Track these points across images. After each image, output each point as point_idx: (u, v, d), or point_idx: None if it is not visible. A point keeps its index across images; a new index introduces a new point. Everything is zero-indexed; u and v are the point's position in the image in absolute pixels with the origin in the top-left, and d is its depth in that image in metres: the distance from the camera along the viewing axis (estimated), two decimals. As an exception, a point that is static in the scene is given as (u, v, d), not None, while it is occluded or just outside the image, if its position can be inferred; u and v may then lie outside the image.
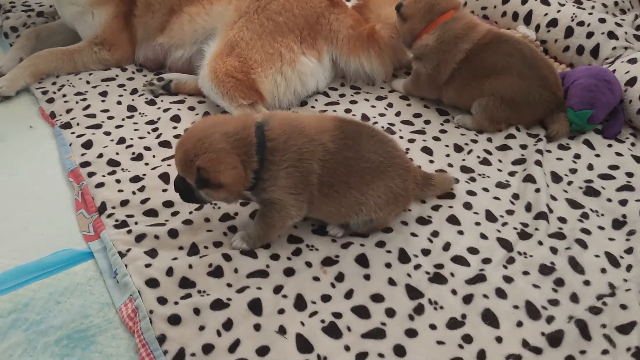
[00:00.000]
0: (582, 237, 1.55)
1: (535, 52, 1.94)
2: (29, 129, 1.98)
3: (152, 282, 1.38)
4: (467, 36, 1.93)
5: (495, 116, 1.91)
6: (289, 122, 1.43)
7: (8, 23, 2.57)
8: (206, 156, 1.32)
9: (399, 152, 1.53)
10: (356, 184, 1.43)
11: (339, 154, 1.41)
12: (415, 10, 1.98)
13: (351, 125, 1.48)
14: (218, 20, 2.10)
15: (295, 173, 1.39)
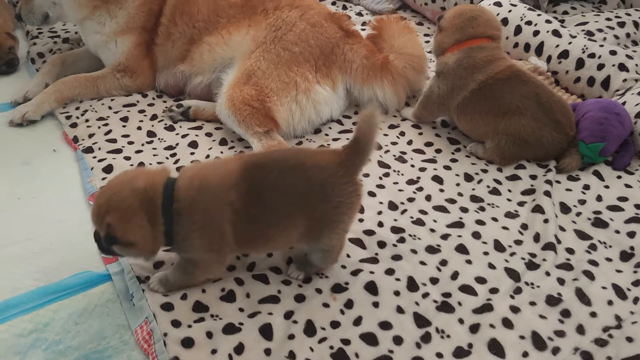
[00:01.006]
0: (589, 269, 1.55)
1: (551, 96, 1.91)
2: (53, 152, 2.02)
3: (167, 306, 1.40)
4: (484, 68, 1.92)
5: (506, 153, 1.92)
6: (196, 180, 1.35)
7: (35, 49, 2.64)
8: (115, 213, 1.29)
9: (321, 176, 1.36)
10: (275, 228, 1.37)
11: (247, 213, 1.34)
12: (450, 24, 2.01)
13: (257, 170, 1.37)
14: (236, 50, 2.14)
15: (207, 234, 1.34)
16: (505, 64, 1.95)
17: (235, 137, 2.03)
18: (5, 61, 2.52)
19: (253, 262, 1.54)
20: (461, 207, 1.76)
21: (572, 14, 2.79)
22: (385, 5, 3.03)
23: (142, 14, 2.28)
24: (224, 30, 2.19)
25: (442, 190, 1.83)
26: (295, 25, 2.12)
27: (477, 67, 1.93)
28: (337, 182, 1.35)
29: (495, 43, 2.01)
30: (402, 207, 1.76)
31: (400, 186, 1.84)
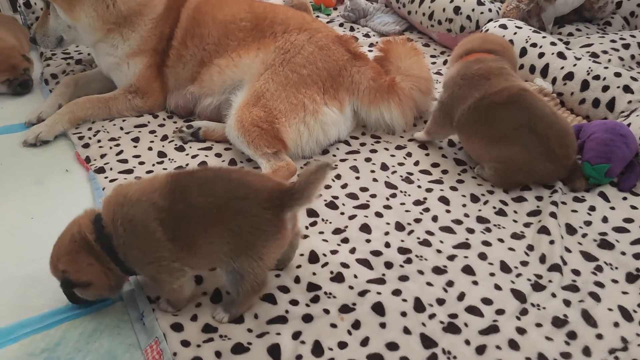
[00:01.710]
0: (595, 290, 1.55)
1: (549, 125, 1.83)
2: (66, 172, 2.04)
3: (177, 327, 1.41)
4: (479, 83, 1.90)
5: (505, 180, 1.92)
6: (116, 198, 1.38)
7: (48, 70, 2.68)
8: (64, 260, 1.37)
9: (242, 192, 1.37)
10: (200, 234, 1.36)
11: (172, 210, 1.35)
12: (467, 39, 2.07)
13: (181, 177, 1.41)
14: (245, 72, 2.17)
15: (142, 244, 1.35)
16: (502, 83, 1.89)
17: (244, 157, 2.05)
18: (19, 82, 2.56)
19: (261, 282, 1.55)
20: (467, 228, 1.76)
21: (577, 36, 2.81)
22: (392, 27, 3.06)
23: (154, 37, 2.31)
24: (234, 53, 2.22)
25: (449, 211, 1.84)
26: (303, 48, 2.14)
27: (473, 79, 1.92)
28: (258, 204, 1.35)
29: (495, 57, 1.98)
30: (409, 228, 1.76)
31: (407, 207, 1.85)
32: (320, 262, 1.62)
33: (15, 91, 2.56)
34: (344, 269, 1.60)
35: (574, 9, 2.84)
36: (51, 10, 2.25)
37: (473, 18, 2.76)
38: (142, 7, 2.29)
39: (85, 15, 2.22)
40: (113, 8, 2.23)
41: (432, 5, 2.89)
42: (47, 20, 2.28)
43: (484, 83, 1.89)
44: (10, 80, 2.54)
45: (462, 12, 2.78)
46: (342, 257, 1.64)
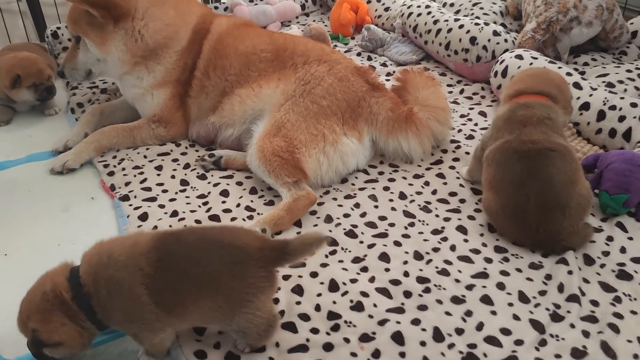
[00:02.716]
0: (614, 322, 1.53)
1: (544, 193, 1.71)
2: (91, 200, 2.07)
3: (200, 354, 1.42)
4: (513, 129, 1.84)
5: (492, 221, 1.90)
6: (99, 257, 1.32)
7: (75, 99, 2.73)
8: (35, 318, 1.29)
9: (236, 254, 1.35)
10: (190, 301, 1.32)
11: (160, 278, 1.29)
12: (520, 76, 2.01)
13: (168, 242, 1.36)
14: (266, 103, 2.20)
15: (124, 302, 1.30)
16: (534, 135, 1.78)
17: (264, 186, 2.07)
18: (45, 87, 2.61)
19: (283, 310, 1.55)
20: (485, 258, 1.76)
21: (592, 65, 2.81)
22: (410, 56, 3.09)
23: (178, 69, 2.36)
24: (255, 84, 2.26)
25: (467, 240, 1.84)
26: (323, 80, 2.17)
27: (512, 124, 1.85)
28: (250, 264, 1.34)
29: (546, 102, 1.88)
30: (427, 257, 1.76)
31: (425, 236, 1.86)
32: (340, 291, 1.63)
33: (41, 96, 2.61)
34: (364, 297, 1.60)
35: (589, 39, 2.85)
36: (81, 44, 2.29)
37: (489, 48, 2.78)
38: (168, 40, 2.34)
39: (115, 49, 2.28)
40: (141, 42, 2.29)
41: (448, 36, 2.92)
42: (76, 55, 2.32)
43: (518, 129, 1.83)
44: (37, 85, 2.58)
45: (478, 42, 2.80)
46: (362, 285, 1.64)
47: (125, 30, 2.26)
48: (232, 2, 3.57)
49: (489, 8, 3.27)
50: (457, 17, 2.99)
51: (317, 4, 3.91)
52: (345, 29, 3.41)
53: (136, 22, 2.27)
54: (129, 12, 2.25)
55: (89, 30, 2.24)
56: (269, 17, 3.50)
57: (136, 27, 2.28)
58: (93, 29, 2.23)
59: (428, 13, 3.09)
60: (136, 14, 2.27)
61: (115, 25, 2.24)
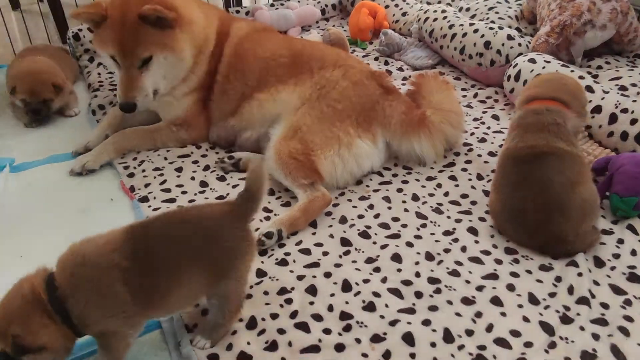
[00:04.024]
0: (624, 325, 1.51)
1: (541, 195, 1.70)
2: (110, 201, 2.08)
3: (213, 356, 1.42)
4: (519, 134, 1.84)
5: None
6: (72, 258, 1.28)
7: (96, 101, 2.72)
8: (16, 323, 1.21)
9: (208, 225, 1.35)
10: (173, 283, 1.31)
11: (137, 268, 1.27)
12: (535, 82, 1.99)
13: (138, 232, 1.33)
14: (283, 106, 2.20)
15: (101, 300, 1.26)
16: (536, 140, 1.77)
17: (281, 187, 2.07)
18: (32, 108, 2.55)
19: (296, 310, 1.55)
20: (496, 259, 1.74)
21: (606, 69, 2.78)
22: (425, 60, 3.07)
23: (205, 75, 2.36)
24: (273, 88, 2.26)
25: (477, 241, 1.82)
26: (338, 84, 2.17)
27: (520, 130, 1.85)
28: (225, 228, 1.35)
29: (558, 108, 1.85)
30: (439, 258, 1.75)
31: (437, 237, 1.85)
32: (352, 291, 1.62)
33: (28, 114, 2.58)
34: (376, 298, 1.60)
35: (603, 42, 2.82)
36: (151, 65, 2.16)
37: (503, 52, 2.76)
38: (203, 43, 2.31)
39: (189, 52, 2.23)
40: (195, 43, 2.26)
41: (463, 40, 2.90)
42: (141, 79, 2.16)
43: (521, 135, 1.83)
44: (26, 102, 2.55)
45: (493, 46, 2.78)
46: (374, 286, 1.64)
47: (187, 33, 2.20)
48: (253, 7, 3.58)
49: (504, 12, 3.24)
50: (472, 22, 2.97)
51: (336, 9, 3.90)
52: (364, 34, 3.40)
53: (188, 24, 2.21)
54: (184, 14, 2.19)
55: (164, 43, 2.13)
56: (290, 22, 3.51)
57: (192, 27, 2.23)
58: (165, 40, 2.13)
59: (444, 18, 3.08)
60: (187, 16, 2.21)
61: (180, 29, 2.16)
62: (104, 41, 2.13)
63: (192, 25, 2.23)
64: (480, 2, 3.38)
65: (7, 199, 2.09)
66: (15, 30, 3.79)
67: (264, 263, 1.74)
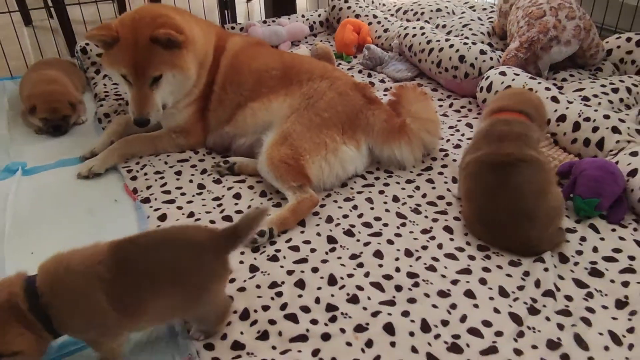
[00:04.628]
0: (587, 316, 1.51)
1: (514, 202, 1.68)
2: (115, 202, 2.06)
3: (209, 346, 1.41)
4: (492, 142, 1.80)
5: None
6: (56, 267, 1.24)
7: (102, 110, 2.70)
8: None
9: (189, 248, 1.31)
10: (150, 298, 1.27)
11: (118, 281, 1.23)
12: (502, 95, 1.96)
13: (124, 247, 1.29)
14: (275, 115, 2.19)
15: (82, 310, 1.22)
16: (510, 149, 1.74)
17: (273, 189, 2.06)
18: (53, 124, 2.54)
19: (286, 303, 1.54)
20: (469, 255, 1.74)
21: (570, 81, 2.78)
22: (405, 73, 3.07)
23: (204, 87, 2.33)
24: (265, 98, 2.24)
25: (452, 239, 1.82)
26: (325, 94, 2.16)
27: (492, 138, 1.81)
28: (205, 255, 1.31)
29: (524, 120, 1.84)
30: (417, 254, 1.74)
31: (415, 235, 1.84)
32: (338, 285, 1.61)
33: (48, 131, 2.56)
34: (359, 291, 1.59)
35: (567, 57, 2.82)
36: (161, 82, 2.13)
37: (476, 66, 2.76)
38: (204, 58, 2.30)
39: (194, 69, 2.21)
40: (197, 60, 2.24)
41: (439, 54, 2.89)
42: (152, 95, 2.13)
43: (496, 142, 1.79)
44: (47, 120, 2.54)
45: (467, 60, 2.78)
46: (357, 280, 1.63)
47: (192, 51, 2.18)
48: (247, 23, 3.56)
49: (477, 29, 3.25)
50: (447, 38, 2.97)
51: (323, 26, 3.89)
52: (349, 49, 3.39)
53: (192, 44, 2.19)
54: (188, 35, 2.16)
55: (173, 63, 2.11)
56: (281, 37, 3.49)
57: (195, 46, 2.21)
58: (174, 60, 2.10)
59: (422, 34, 3.07)
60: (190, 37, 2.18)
61: (186, 49, 2.14)
62: (115, 61, 2.11)
63: (195, 44, 2.21)
64: (455, 19, 3.38)
65: (20, 200, 2.07)
66: (27, 45, 3.76)
67: (256, 259, 1.72)
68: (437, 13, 3.55)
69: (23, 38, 3.82)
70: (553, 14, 2.71)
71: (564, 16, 2.71)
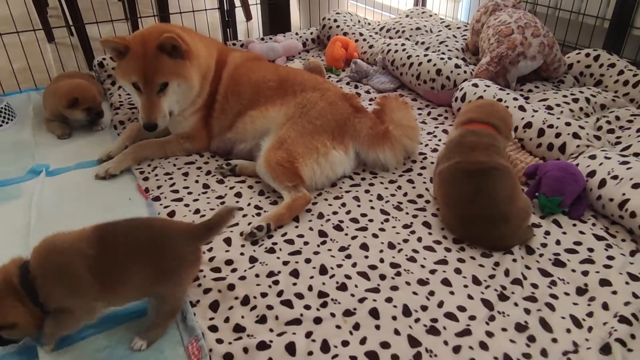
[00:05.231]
0: (550, 301, 1.50)
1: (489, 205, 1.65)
2: (129, 200, 2.04)
3: (213, 328, 1.40)
4: (463, 151, 1.77)
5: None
6: (45, 247, 1.27)
7: (117, 118, 2.69)
8: None
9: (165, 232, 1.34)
10: (128, 275, 1.28)
11: (100, 257, 1.25)
12: (472, 107, 1.93)
13: (107, 228, 1.32)
14: (271, 122, 2.17)
15: (67, 282, 1.24)
16: (481, 157, 1.72)
17: (270, 189, 2.04)
18: (97, 111, 2.58)
19: (282, 290, 1.53)
20: (446, 248, 1.73)
21: (535, 92, 2.78)
22: (388, 85, 3.06)
23: (207, 97, 2.32)
24: (263, 107, 2.22)
25: (431, 233, 1.81)
26: (316, 104, 2.14)
27: (463, 147, 1.79)
28: (179, 241, 1.34)
29: (492, 132, 1.81)
30: (399, 247, 1.73)
31: (397, 230, 1.83)
32: (328, 274, 1.60)
33: (93, 118, 2.57)
34: (347, 279, 1.58)
35: (533, 70, 2.83)
36: (168, 90, 2.12)
37: (451, 78, 2.75)
38: (207, 71, 2.28)
39: (197, 80, 2.19)
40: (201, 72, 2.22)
41: (418, 68, 2.89)
42: (160, 102, 2.11)
43: (468, 151, 1.77)
44: (90, 109, 2.55)
45: (443, 73, 2.77)
46: (346, 270, 1.62)
47: (195, 64, 2.17)
48: (246, 40, 3.54)
49: (453, 45, 3.24)
50: (426, 53, 2.96)
51: (315, 42, 3.88)
52: (338, 63, 3.38)
53: (196, 58, 2.18)
54: (192, 49, 2.15)
55: (178, 72, 2.09)
56: (277, 53, 3.47)
57: (199, 60, 2.20)
58: (179, 69, 2.09)
59: (403, 50, 3.06)
60: (194, 51, 2.17)
61: (190, 61, 2.13)
62: (127, 71, 2.09)
63: (198, 58, 2.20)
64: (432, 37, 3.37)
65: (43, 197, 2.05)
66: (50, 59, 3.73)
67: (255, 251, 1.71)
68: (416, 31, 3.54)
69: (46, 53, 3.80)
70: (520, 32, 2.71)
71: (529, 34, 2.71)
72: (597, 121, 2.39)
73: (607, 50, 2.89)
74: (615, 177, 1.85)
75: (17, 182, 2.15)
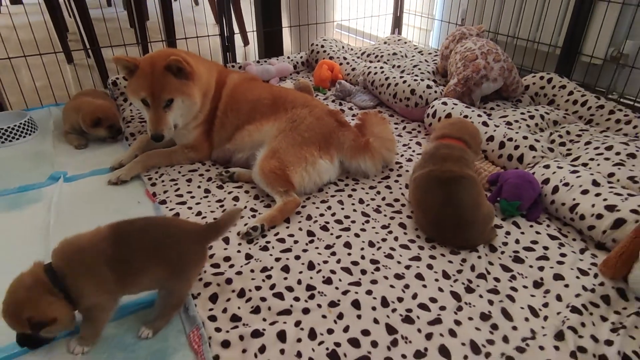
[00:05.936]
0: (511, 294, 1.50)
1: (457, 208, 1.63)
2: (138, 203, 2.00)
3: (212, 317, 1.37)
4: (436, 162, 1.75)
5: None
6: (68, 247, 1.23)
7: (128, 130, 2.65)
8: (26, 307, 1.14)
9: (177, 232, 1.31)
10: (142, 270, 1.25)
11: (118, 256, 1.22)
12: (446, 123, 1.92)
13: (122, 227, 1.28)
14: (266, 135, 2.15)
15: (93, 279, 1.21)
16: (452, 167, 1.70)
17: (264, 193, 2.02)
18: (118, 128, 2.54)
19: (274, 284, 1.50)
20: (419, 246, 1.72)
21: (496, 110, 2.79)
22: (368, 102, 3.06)
23: (208, 112, 2.29)
24: (258, 122, 2.20)
25: (406, 233, 1.80)
26: (305, 119, 2.13)
27: (436, 158, 1.77)
28: (189, 240, 1.32)
29: (462, 147, 1.80)
30: (378, 245, 1.72)
31: (377, 230, 1.81)
32: (315, 269, 1.58)
33: (113, 134, 2.53)
34: (332, 274, 1.56)
35: (495, 91, 2.84)
36: (173, 106, 2.10)
37: (424, 97, 2.76)
38: (208, 89, 2.25)
39: (199, 98, 2.17)
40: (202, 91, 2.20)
41: (395, 88, 2.89)
42: (166, 116, 2.09)
43: (441, 162, 1.75)
44: (112, 126, 2.52)
45: (416, 93, 2.78)
46: (331, 265, 1.60)
47: (197, 84, 2.14)
48: (244, 63, 3.52)
49: (425, 69, 3.25)
50: (402, 75, 2.96)
51: (304, 65, 3.87)
52: (324, 83, 3.37)
53: (198, 78, 2.16)
54: (196, 71, 2.13)
55: (182, 90, 2.07)
56: (271, 74, 3.46)
57: (201, 80, 2.18)
58: (183, 88, 2.06)
59: (382, 72, 3.06)
60: (197, 72, 2.15)
61: (193, 81, 2.11)
62: (136, 88, 2.06)
63: (200, 78, 2.18)
64: (407, 61, 3.38)
65: (61, 201, 2.01)
66: (69, 78, 3.68)
67: (250, 249, 1.68)
68: (393, 56, 3.55)
69: (66, 73, 3.75)
70: (483, 58, 2.72)
71: (491, 59, 2.72)
72: (550, 135, 2.40)
73: (558, 74, 2.92)
74: (567, 184, 1.85)
75: (38, 188, 2.11)
